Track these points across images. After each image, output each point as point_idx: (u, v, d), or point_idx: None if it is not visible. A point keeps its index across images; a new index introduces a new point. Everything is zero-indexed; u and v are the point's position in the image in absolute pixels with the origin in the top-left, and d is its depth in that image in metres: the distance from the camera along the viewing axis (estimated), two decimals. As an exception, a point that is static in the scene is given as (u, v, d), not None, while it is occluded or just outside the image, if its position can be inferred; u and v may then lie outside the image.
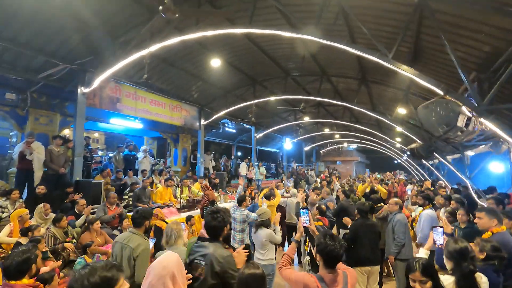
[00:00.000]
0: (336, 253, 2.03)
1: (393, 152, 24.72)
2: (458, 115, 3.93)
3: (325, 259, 2.06)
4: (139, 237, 2.95)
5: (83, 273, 1.29)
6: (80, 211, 5.71)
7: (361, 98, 11.03)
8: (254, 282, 1.81)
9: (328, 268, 2.06)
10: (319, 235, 2.16)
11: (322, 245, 2.06)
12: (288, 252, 2.46)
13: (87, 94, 7.45)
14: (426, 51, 5.54)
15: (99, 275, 1.29)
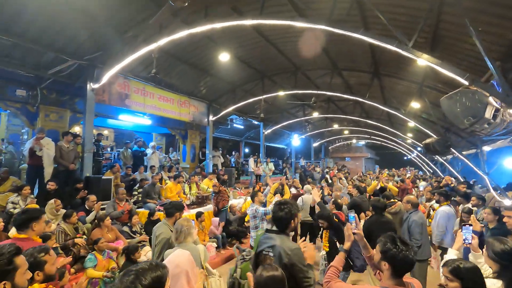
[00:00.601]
0: (411, 260, 1.73)
1: (404, 148, 24.25)
2: (485, 106, 3.68)
3: (396, 267, 1.75)
4: (166, 227, 3.30)
5: (131, 279, 1.25)
6: (91, 207, 5.70)
7: (373, 93, 10.74)
8: (273, 285, 1.69)
9: (396, 278, 1.76)
10: (385, 239, 1.83)
11: (393, 252, 1.74)
12: (335, 264, 2.12)
13: (96, 90, 7.42)
14: (445, 40, 5.28)
15: (150, 276, 1.29)
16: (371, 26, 6.11)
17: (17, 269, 1.65)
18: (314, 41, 7.82)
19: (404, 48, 4.25)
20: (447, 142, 7.78)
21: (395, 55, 7.51)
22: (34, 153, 6.20)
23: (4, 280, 1.55)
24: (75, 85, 7.42)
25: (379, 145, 27.36)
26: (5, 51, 6.13)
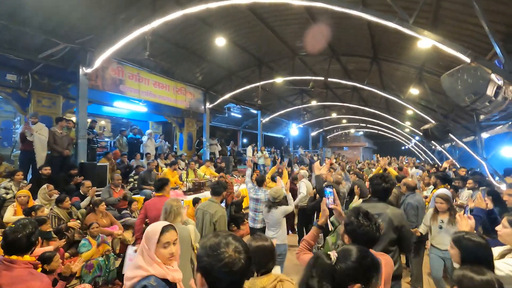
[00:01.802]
0: (372, 235, 1.66)
1: (402, 137, 24.24)
2: (487, 83, 3.57)
3: (356, 242, 1.67)
4: (217, 205, 3.58)
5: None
6: (85, 192, 5.63)
7: (372, 79, 10.61)
8: (263, 255, 1.69)
9: None
10: (350, 213, 1.79)
11: (354, 225, 1.69)
12: (308, 238, 2.08)
13: (89, 75, 7.24)
14: (447, 20, 5.14)
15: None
16: (370, 2, 5.91)
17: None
18: (312, 24, 7.64)
19: (405, 25, 4.11)
20: (446, 128, 7.71)
21: (395, 38, 7.42)
22: (25, 139, 6.09)
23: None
24: (67, 70, 7.25)
25: (377, 134, 27.34)
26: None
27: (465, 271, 1.53)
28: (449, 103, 9.54)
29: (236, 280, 0.98)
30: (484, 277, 1.45)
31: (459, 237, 1.82)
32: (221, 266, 0.96)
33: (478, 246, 1.73)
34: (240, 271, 0.97)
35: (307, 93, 15.56)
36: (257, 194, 4.69)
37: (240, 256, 0.98)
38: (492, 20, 4.46)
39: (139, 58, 8.27)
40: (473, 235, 1.82)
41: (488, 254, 1.71)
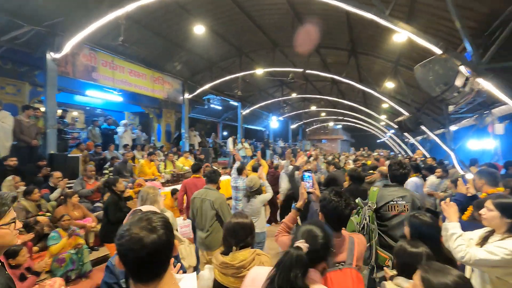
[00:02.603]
0: (340, 211, 1.69)
1: (378, 130, 25.10)
2: (456, 74, 3.77)
3: (327, 218, 1.74)
4: (215, 192, 3.59)
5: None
6: (56, 184, 5.36)
7: (350, 72, 10.82)
8: (241, 230, 1.78)
9: (333, 231, 1.67)
10: (326, 191, 1.85)
11: (325, 201, 1.75)
12: (286, 221, 2.10)
13: (58, 61, 6.82)
14: (422, 14, 5.31)
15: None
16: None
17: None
18: (292, 15, 7.63)
19: (381, 16, 4.20)
20: (418, 120, 8.07)
21: (372, 31, 7.58)
22: None
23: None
24: (34, 55, 6.77)
25: (355, 127, 28.10)
26: None
27: (403, 243, 1.69)
28: (421, 96, 9.97)
29: (141, 257, 0.92)
30: (415, 249, 1.60)
31: (409, 216, 1.96)
32: (119, 244, 0.94)
33: (423, 223, 1.88)
34: (145, 248, 0.91)
35: (287, 86, 15.65)
36: (236, 183, 4.71)
37: (138, 231, 0.93)
38: (463, 15, 4.66)
39: (113, 44, 7.87)
40: (421, 215, 1.95)
41: (432, 231, 1.87)
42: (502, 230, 1.88)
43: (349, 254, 1.68)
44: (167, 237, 0.96)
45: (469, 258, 1.79)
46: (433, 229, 1.90)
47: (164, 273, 0.98)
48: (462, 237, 1.93)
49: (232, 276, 1.58)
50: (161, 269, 0.98)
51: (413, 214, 2.02)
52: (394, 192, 2.73)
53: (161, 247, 0.94)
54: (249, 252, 1.67)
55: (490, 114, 7.75)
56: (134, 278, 0.97)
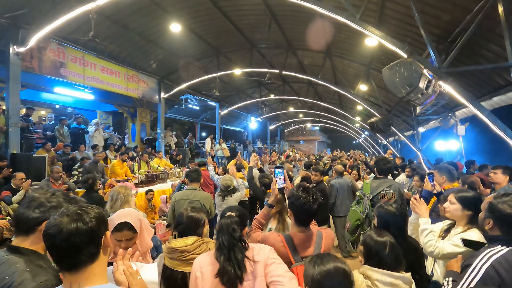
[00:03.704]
0: (308, 207, 1.70)
1: (353, 132, 25.94)
2: (420, 76, 4.01)
3: (296, 214, 1.76)
4: (202, 192, 3.57)
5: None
6: (18, 185, 5.02)
7: (325, 75, 11.10)
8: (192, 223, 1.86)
9: (299, 226, 1.77)
10: (292, 188, 1.89)
11: (293, 198, 1.77)
12: (258, 217, 2.12)
13: (22, 55, 6.43)
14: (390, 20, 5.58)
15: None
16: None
17: None
18: (269, 16, 7.71)
19: (352, 19, 4.37)
20: (388, 121, 8.43)
21: (346, 35, 7.84)
22: None
23: None
24: (-6, 48, 6.34)
25: (331, 128, 28.87)
26: None
27: (370, 232, 1.76)
28: (392, 99, 10.43)
29: (59, 243, 0.95)
30: (380, 238, 1.67)
31: (377, 206, 2.08)
32: (44, 229, 0.99)
33: (388, 213, 1.99)
34: (65, 233, 0.95)
35: (265, 87, 15.78)
36: (218, 182, 4.73)
37: (63, 219, 0.97)
38: (427, 22, 4.95)
39: (83, 39, 7.55)
40: (387, 205, 2.06)
41: (396, 220, 1.98)
42: (463, 222, 2.00)
43: (316, 248, 1.72)
44: (90, 227, 0.98)
45: (438, 252, 1.89)
46: (398, 218, 2.00)
47: (87, 265, 0.99)
48: (432, 232, 2.03)
49: (177, 259, 1.65)
50: (83, 258, 0.98)
51: (380, 205, 2.12)
52: (383, 183, 3.31)
53: (79, 236, 0.96)
54: (194, 239, 1.75)
55: (454, 116, 8.25)
56: (57, 265, 1.00)
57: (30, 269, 1.18)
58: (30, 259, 1.22)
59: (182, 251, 1.68)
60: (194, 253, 1.68)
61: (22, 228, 1.28)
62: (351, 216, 3.27)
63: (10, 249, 1.26)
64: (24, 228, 1.27)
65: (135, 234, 1.88)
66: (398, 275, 1.53)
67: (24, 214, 1.28)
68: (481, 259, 1.45)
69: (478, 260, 1.46)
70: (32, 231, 1.27)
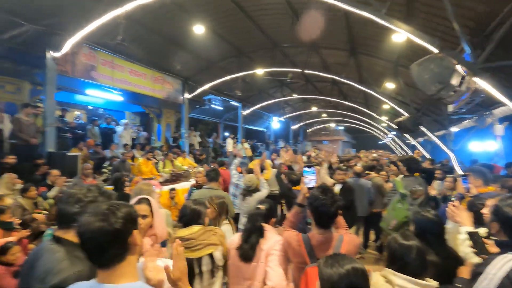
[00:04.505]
0: (326, 209, 1.68)
1: (379, 132, 25.03)
2: (452, 73, 3.76)
3: (314, 215, 1.76)
4: (220, 191, 3.56)
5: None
6: (53, 182, 5.37)
7: (350, 73, 10.79)
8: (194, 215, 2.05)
9: (318, 227, 1.74)
10: (313, 190, 1.86)
11: (312, 199, 1.75)
12: (289, 216, 2.10)
13: (57, 60, 6.86)
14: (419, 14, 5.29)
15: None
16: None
17: None
18: (292, 15, 7.62)
19: (377, 14, 4.19)
20: (417, 120, 8.04)
21: (372, 31, 7.56)
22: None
23: None
24: (33, 53, 6.79)
25: (356, 128, 28.06)
26: None
27: (396, 235, 1.66)
28: (421, 97, 9.92)
29: (87, 242, 1.01)
30: (406, 242, 1.57)
31: (414, 212, 1.98)
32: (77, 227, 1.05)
33: (425, 219, 1.88)
34: (91, 232, 1.00)
35: (288, 86, 15.63)
36: (239, 180, 4.73)
37: (91, 218, 1.02)
38: (461, 14, 4.64)
39: (112, 43, 7.90)
40: (425, 211, 1.96)
41: (434, 227, 1.89)
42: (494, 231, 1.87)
43: (335, 251, 1.67)
44: (115, 228, 1.02)
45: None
46: (435, 225, 1.91)
47: (114, 264, 1.03)
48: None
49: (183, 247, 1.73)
50: (109, 257, 1.02)
51: (417, 211, 2.07)
52: (413, 181, 3.57)
53: (104, 236, 1.00)
54: (198, 227, 1.97)
55: (491, 115, 7.69)
56: (89, 260, 1.05)
57: (69, 259, 1.26)
58: (69, 250, 1.30)
59: (188, 239, 1.86)
60: (200, 240, 1.90)
61: (64, 221, 1.37)
62: (397, 214, 3.35)
63: (54, 239, 1.36)
64: (65, 221, 1.36)
65: (151, 213, 1.90)
66: (423, 283, 1.45)
67: (65, 209, 1.37)
68: (494, 267, 1.34)
69: (490, 268, 1.34)
70: (72, 224, 1.34)
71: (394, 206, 3.45)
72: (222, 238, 2.07)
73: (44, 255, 1.28)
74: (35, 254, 1.35)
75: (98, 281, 1.03)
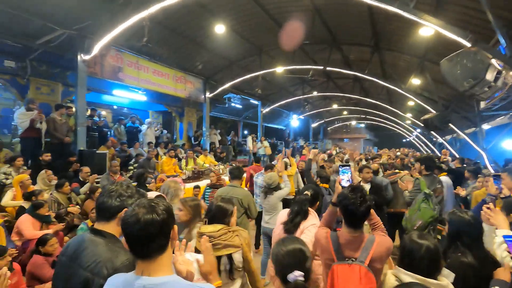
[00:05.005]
0: (354, 208, 1.65)
1: (403, 129, 24.14)
2: (487, 67, 3.55)
3: (343, 213, 1.74)
4: (242, 189, 3.64)
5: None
6: (85, 178, 5.67)
7: (373, 69, 10.49)
8: (220, 212, 2.09)
9: (347, 226, 1.73)
10: (345, 188, 1.86)
11: (341, 197, 1.74)
12: (324, 215, 2.09)
13: (87, 62, 7.19)
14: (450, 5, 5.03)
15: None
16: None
17: None
18: (312, 12, 7.52)
19: (405, 8, 4.04)
20: (446, 118, 7.67)
21: (397, 26, 7.31)
22: (33, 126, 6.09)
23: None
24: (65, 56, 7.19)
25: (378, 126, 27.22)
26: (-11, 18, 5.86)
27: (413, 234, 1.63)
28: (450, 93, 9.47)
29: (136, 233, 1.05)
30: (420, 240, 1.55)
31: (449, 213, 1.91)
32: (122, 219, 1.10)
33: (461, 220, 1.82)
34: (142, 223, 1.04)
35: (308, 84, 15.45)
36: (257, 178, 4.76)
37: (140, 210, 1.06)
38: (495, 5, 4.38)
39: (138, 45, 8.18)
40: (461, 212, 1.89)
41: (471, 229, 1.82)
42: None
43: (363, 252, 1.66)
44: (162, 219, 1.06)
45: None
46: (472, 227, 1.84)
47: (157, 255, 1.07)
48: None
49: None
50: (154, 248, 1.07)
51: (452, 211, 1.99)
52: (434, 180, 3.73)
53: (153, 226, 1.05)
54: (221, 226, 1.99)
55: (528, 111, 7.21)
56: (132, 252, 1.11)
57: (112, 249, 1.33)
58: (110, 241, 1.37)
59: (209, 236, 1.84)
60: (220, 239, 1.91)
61: (104, 215, 1.44)
62: (422, 214, 3.30)
63: (93, 232, 1.43)
64: (107, 215, 1.43)
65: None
66: (434, 282, 1.43)
67: (107, 203, 1.43)
68: None
69: None
70: (113, 217, 1.43)
71: (419, 205, 3.37)
72: (246, 240, 2.05)
73: (89, 246, 1.35)
74: (77, 245, 1.40)
75: (137, 273, 1.08)
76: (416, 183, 3.93)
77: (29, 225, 3.82)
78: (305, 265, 1.41)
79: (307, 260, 1.43)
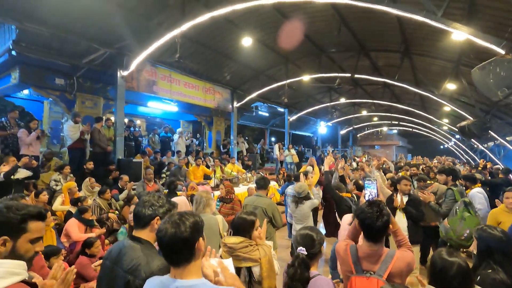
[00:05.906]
0: (370, 221, 1.67)
1: (440, 136, 22.83)
2: (522, 76, 3.37)
3: (362, 228, 1.77)
4: (266, 199, 3.70)
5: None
6: (123, 186, 6.10)
7: (404, 75, 10.16)
8: (241, 224, 2.11)
9: (368, 241, 1.75)
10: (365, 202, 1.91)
11: (359, 211, 1.78)
12: (350, 227, 2.10)
13: (125, 77, 7.79)
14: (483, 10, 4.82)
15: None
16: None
17: (25, 232, 1.29)
18: (338, 20, 7.54)
19: (433, 18, 3.96)
20: (485, 124, 7.19)
21: (427, 31, 7.09)
22: (81, 137, 6.71)
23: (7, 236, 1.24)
24: (107, 73, 7.84)
25: (412, 132, 25.96)
26: (44, 42, 6.59)
27: (442, 251, 1.61)
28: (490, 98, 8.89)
29: (164, 245, 1.24)
30: (450, 258, 1.53)
31: (477, 229, 1.88)
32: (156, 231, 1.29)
33: (492, 238, 1.78)
34: (167, 238, 1.22)
35: (335, 91, 15.26)
36: (287, 188, 4.85)
37: (167, 226, 1.24)
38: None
39: (170, 60, 8.70)
40: (491, 228, 1.85)
41: (502, 245, 1.77)
42: None
43: (382, 266, 1.68)
44: (185, 236, 1.23)
45: None
46: (504, 244, 1.81)
47: (184, 264, 1.24)
48: None
49: (227, 253, 1.97)
50: (181, 258, 1.24)
51: (481, 227, 1.96)
52: (462, 191, 3.94)
53: (177, 242, 1.22)
54: (242, 239, 2.03)
55: None
56: (165, 258, 1.30)
57: (148, 254, 1.51)
58: (146, 247, 1.55)
59: (230, 247, 1.97)
60: (240, 252, 1.96)
61: (139, 222, 1.63)
62: (469, 222, 3.32)
63: (132, 238, 1.62)
64: (141, 222, 1.62)
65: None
66: None
67: (142, 212, 1.63)
68: None
69: None
70: (147, 225, 1.61)
71: (462, 215, 3.38)
72: (267, 256, 2.01)
73: (128, 251, 1.53)
74: (119, 250, 1.59)
75: (171, 276, 1.26)
76: (449, 194, 3.77)
77: (76, 229, 4.22)
78: (311, 246, 1.79)
79: (314, 242, 1.83)
